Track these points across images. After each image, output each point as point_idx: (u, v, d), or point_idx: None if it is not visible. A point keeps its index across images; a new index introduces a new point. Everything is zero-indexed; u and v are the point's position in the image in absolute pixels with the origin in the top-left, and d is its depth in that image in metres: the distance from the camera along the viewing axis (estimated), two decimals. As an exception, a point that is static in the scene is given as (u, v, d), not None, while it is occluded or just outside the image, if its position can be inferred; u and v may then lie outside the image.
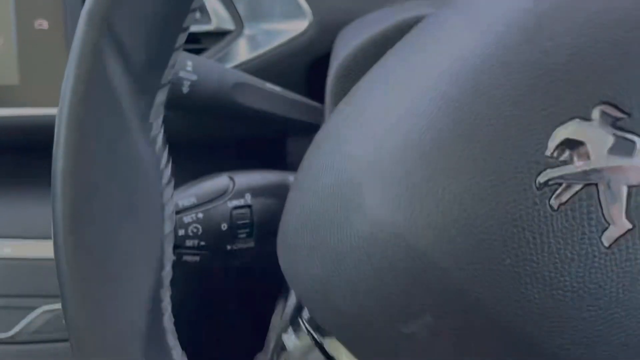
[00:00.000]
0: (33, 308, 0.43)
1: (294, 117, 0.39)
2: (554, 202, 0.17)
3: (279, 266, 0.42)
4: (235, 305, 0.50)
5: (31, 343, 0.43)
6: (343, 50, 0.35)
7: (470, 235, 0.18)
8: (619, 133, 0.17)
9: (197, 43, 0.45)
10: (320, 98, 0.38)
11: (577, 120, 0.17)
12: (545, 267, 0.17)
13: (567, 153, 0.17)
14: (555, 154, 0.18)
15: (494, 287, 0.18)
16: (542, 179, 0.18)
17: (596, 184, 0.17)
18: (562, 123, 0.18)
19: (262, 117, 0.38)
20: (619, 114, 0.17)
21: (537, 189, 0.17)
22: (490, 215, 0.18)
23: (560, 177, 0.17)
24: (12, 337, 0.43)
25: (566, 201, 0.17)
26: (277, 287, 0.48)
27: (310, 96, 0.42)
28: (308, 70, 0.44)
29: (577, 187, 0.17)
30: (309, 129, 0.40)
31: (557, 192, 0.17)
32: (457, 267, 0.18)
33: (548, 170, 0.17)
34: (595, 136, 0.17)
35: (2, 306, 0.44)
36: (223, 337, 0.50)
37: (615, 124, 0.17)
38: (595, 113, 0.17)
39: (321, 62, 0.40)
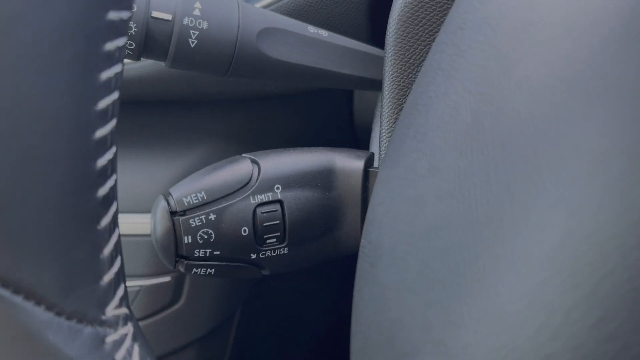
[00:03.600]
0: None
1: (345, 71, 0.29)
2: None
3: (316, 272, 0.33)
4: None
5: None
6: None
7: None
8: None
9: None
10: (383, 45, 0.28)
11: None
12: None
13: None
14: None
15: None
16: None
17: None
18: None
19: (302, 74, 0.28)
20: None
21: None
22: None
23: None
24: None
25: None
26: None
27: (373, 44, 0.31)
28: (370, 9, 0.33)
29: None
30: (367, 85, 0.30)
31: None
32: None
33: None
34: None
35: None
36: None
37: None
38: None
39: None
